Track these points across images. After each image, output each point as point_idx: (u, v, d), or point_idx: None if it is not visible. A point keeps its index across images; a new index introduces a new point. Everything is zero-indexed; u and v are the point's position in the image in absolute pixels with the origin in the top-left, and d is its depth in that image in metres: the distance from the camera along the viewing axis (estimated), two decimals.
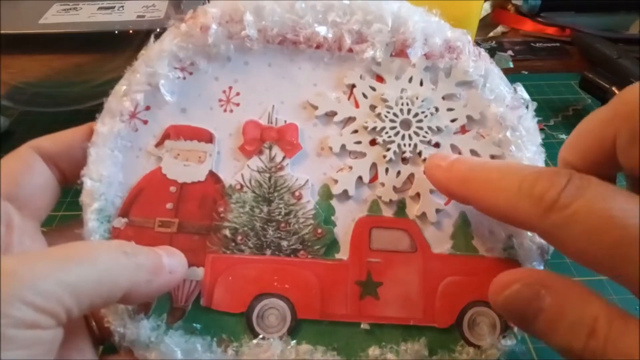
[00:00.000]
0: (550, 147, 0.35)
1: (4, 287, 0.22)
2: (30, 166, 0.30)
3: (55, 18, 0.60)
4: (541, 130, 0.58)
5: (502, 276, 0.26)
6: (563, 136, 0.63)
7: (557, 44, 0.83)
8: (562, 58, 0.80)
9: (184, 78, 0.33)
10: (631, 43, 0.79)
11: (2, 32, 0.57)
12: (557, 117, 0.66)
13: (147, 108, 0.33)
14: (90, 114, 0.33)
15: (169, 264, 0.29)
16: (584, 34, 0.81)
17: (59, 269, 0.24)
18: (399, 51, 0.34)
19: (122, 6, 0.60)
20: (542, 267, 0.32)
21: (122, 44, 0.53)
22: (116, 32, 0.55)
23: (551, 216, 0.23)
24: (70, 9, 0.62)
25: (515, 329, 0.31)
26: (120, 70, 0.33)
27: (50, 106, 0.54)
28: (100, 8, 0.61)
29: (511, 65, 0.74)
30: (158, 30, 0.34)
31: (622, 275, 0.22)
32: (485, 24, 0.86)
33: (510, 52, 0.77)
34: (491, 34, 0.85)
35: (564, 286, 0.25)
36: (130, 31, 0.55)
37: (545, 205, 0.24)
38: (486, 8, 0.86)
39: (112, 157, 0.32)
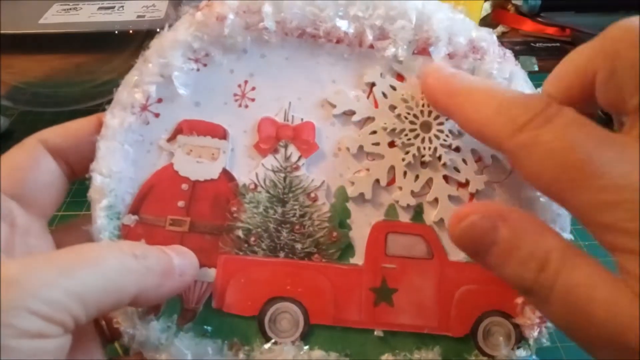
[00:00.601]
0: None
1: (6, 296, 0.21)
2: (36, 161, 0.29)
3: (55, 18, 0.60)
4: None
5: (461, 208, 0.26)
6: None
7: (557, 44, 0.82)
8: (562, 58, 0.79)
9: (198, 70, 0.32)
10: None
11: (2, 32, 0.56)
12: None
13: (159, 100, 0.32)
14: (90, 114, 0.32)
15: (179, 265, 0.28)
16: (584, 34, 0.80)
17: (65, 275, 0.23)
18: (422, 49, 0.33)
19: (122, 6, 0.61)
20: None
21: (122, 44, 0.53)
22: (116, 32, 0.55)
23: (518, 136, 0.24)
24: (70, 9, 0.61)
25: (531, 341, 0.31)
26: (120, 70, 0.31)
27: (50, 106, 0.54)
28: (100, 8, 0.61)
29: (536, 68, 0.73)
30: (158, 30, 0.32)
31: (566, 201, 0.23)
32: (485, 24, 0.84)
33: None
34: None
35: (520, 219, 0.25)
36: (130, 31, 0.55)
37: (516, 126, 0.24)
38: (486, 8, 0.86)
39: (123, 152, 0.31)
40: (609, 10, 0.83)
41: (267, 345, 0.31)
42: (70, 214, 0.41)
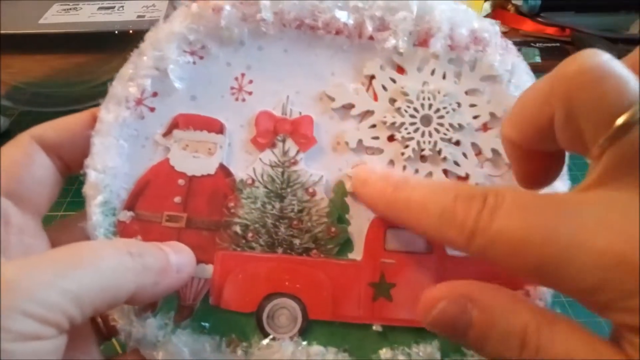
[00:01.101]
0: None
1: (2, 300, 0.21)
2: (30, 158, 0.29)
3: (55, 18, 0.60)
4: None
5: (426, 295, 0.26)
6: None
7: (557, 44, 0.82)
8: (562, 58, 0.78)
9: (194, 63, 0.31)
10: (631, 43, 0.79)
11: (2, 32, 0.56)
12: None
13: (155, 94, 0.31)
14: None
15: (176, 262, 0.28)
16: (584, 34, 0.80)
17: (61, 275, 0.22)
18: (422, 41, 0.32)
19: (122, 6, 0.61)
20: None
21: (122, 44, 0.52)
22: (116, 32, 0.55)
23: (476, 241, 0.23)
24: (70, 9, 0.61)
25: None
26: (120, 70, 0.31)
27: (50, 106, 0.55)
28: (100, 8, 0.61)
29: (539, 60, 0.72)
30: None
31: (555, 285, 0.22)
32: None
33: None
34: None
35: (489, 297, 0.24)
36: (130, 31, 0.55)
37: (467, 232, 0.23)
38: (486, 8, 0.86)
39: (118, 147, 0.30)
40: (609, 10, 0.85)
41: (265, 341, 0.30)
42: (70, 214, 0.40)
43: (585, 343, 0.22)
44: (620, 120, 0.20)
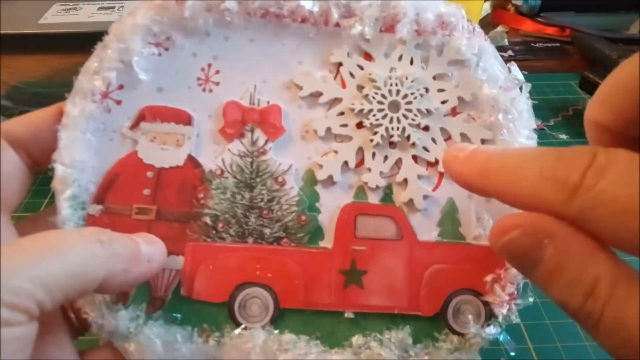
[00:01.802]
0: None
1: None
2: None
3: (55, 18, 0.60)
4: (541, 130, 0.57)
5: (504, 219, 0.24)
6: (563, 136, 0.63)
7: (557, 44, 0.82)
8: (562, 58, 0.80)
9: (160, 54, 0.31)
10: (631, 43, 0.79)
11: (2, 32, 0.56)
12: (557, 117, 0.66)
13: (120, 87, 0.31)
14: None
15: (147, 252, 0.28)
16: (584, 34, 0.80)
17: (29, 263, 0.23)
18: (389, 27, 0.32)
19: (122, 6, 0.62)
20: None
21: None
22: None
23: (577, 200, 0.21)
24: (70, 9, 0.62)
25: (500, 318, 0.31)
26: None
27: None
28: (100, 8, 0.62)
29: (506, 42, 0.72)
30: None
31: None
32: (485, 24, 0.84)
33: (510, 53, 0.77)
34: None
35: (569, 237, 0.22)
36: None
37: (569, 189, 0.21)
38: (486, 8, 0.85)
39: (85, 141, 0.30)
40: (609, 10, 0.85)
41: (237, 331, 0.31)
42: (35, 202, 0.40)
43: None
44: None
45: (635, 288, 0.21)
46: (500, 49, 0.78)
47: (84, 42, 0.31)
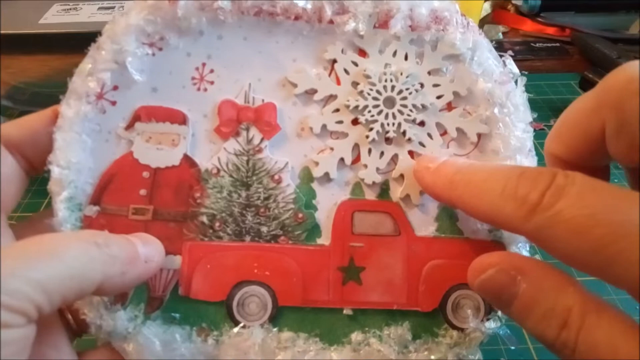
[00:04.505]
0: None
1: None
2: None
3: (55, 18, 0.61)
4: (541, 130, 0.57)
5: (480, 259, 0.26)
6: None
7: (557, 44, 0.83)
8: (562, 58, 0.80)
9: (153, 54, 0.31)
10: (631, 43, 0.79)
11: (2, 32, 0.57)
12: (557, 117, 0.64)
13: (115, 88, 0.31)
14: None
15: (144, 252, 0.28)
16: (584, 34, 0.80)
17: (27, 265, 0.23)
18: (383, 22, 0.32)
19: (122, 6, 0.62)
20: (527, 249, 0.32)
21: None
22: None
23: (534, 218, 0.22)
24: (70, 9, 0.62)
25: (500, 313, 0.31)
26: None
27: (50, 106, 0.53)
28: (100, 8, 0.62)
29: (501, 36, 0.72)
30: None
31: (610, 276, 0.21)
32: (485, 24, 0.84)
33: (510, 52, 0.77)
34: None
35: (540, 273, 0.24)
36: None
37: (528, 207, 0.23)
38: (486, 8, 0.86)
39: (80, 142, 0.30)
40: (609, 10, 0.85)
41: (235, 330, 0.31)
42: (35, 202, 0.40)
43: (630, 336, 0.21)
44: None
45: (603, 315, 0.22)
46: (500, 48, 0.78)
47: (84, 42, 0.31)
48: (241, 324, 0.31)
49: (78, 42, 0.31)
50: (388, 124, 0.32)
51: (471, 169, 0.27)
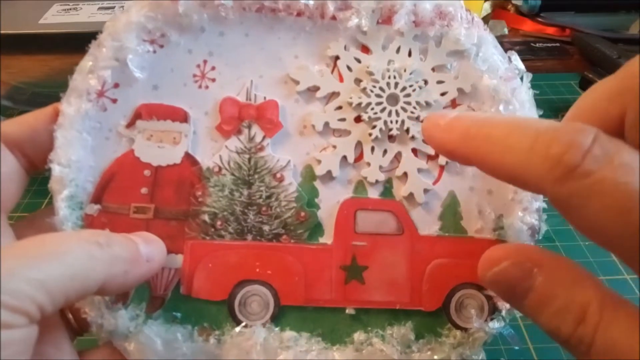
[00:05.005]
0: None
1: None
2: None
3: (55, 18, 0.61)
4: None
5: (491, 251, 0.25)
6: None
7: (557, 44, 0.82)
8: (562, 58, 0.79)
9: (154, 52, 0.31)
10: (631, 43, 0.78)
11: (2, 32, 0.57)
12: (557, 117, 0.65)
13: (116, 85, 0.31)
14: None
15: (146, 252, 0.28)
16: (584, 34, 0.80)
17: (29, 266, 0.23)
18: (386, 18, 0.32)
19: (122, 6, 0.60)
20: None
21: None
22: None
23: (569, 183, 0.19)
24: (70, 9, 0.62)
25: (504, 312, 0.31)
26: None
27: None
28: (100, 8, 0.62)
29: (506, 31, 0.72)
30: None
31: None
32: (490, 20, 0.84)
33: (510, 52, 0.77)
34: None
35: (556, 266, 0.23)
36: None
37: (563, 170, 0.19)
38: (486, 8, 0.85)
39: (81, 140, 0.30)
40: (609, 10, 0.84)
41: (237, 329, 0.30)
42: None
43: None
44: None
45: (621, 312, 0.21)
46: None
47: (84, 42, 0.31)
48: (243, 324, 0.31)
49: (78, 42, 0.31)
50: (391, 122, 0.32)
51: (489, 122, 0.23)
